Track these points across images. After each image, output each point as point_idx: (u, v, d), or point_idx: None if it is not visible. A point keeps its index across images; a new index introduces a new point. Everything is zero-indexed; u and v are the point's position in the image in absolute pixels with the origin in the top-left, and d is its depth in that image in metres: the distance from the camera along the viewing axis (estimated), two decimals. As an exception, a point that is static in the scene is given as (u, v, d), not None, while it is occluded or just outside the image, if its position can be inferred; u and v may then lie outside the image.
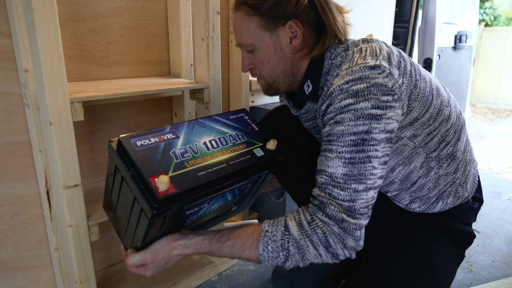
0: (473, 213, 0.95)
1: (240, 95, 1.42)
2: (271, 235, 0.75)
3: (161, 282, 1.15)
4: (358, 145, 0.71)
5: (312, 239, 0.73)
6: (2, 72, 0.88)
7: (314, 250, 0.74)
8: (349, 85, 0.71)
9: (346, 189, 0.72)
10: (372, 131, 0.70)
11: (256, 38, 0.83)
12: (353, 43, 0.82)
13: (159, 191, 0.67)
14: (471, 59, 3.23)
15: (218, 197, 0.83)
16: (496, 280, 1.25)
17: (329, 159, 0.74)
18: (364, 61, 0.74)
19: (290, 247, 0.74)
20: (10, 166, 0.93)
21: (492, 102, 6.62)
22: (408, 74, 0.78)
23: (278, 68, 0.86)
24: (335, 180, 0.73)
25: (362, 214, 0.73)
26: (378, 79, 0.71)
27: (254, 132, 0.90)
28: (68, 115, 0.80)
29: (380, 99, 0.70)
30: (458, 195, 0.90)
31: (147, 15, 1.14)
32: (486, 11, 7.45)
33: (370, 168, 0.72)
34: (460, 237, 0.92)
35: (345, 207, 0.73)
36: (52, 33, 0.74)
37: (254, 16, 0.82)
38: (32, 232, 1.00)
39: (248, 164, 0.82)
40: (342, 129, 0.71)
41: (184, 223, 0.84)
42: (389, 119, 0.72)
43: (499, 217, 1.72)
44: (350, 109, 0.70)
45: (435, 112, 0.82)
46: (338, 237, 0.73)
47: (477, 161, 1.11)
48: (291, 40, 0.82)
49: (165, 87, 1.00)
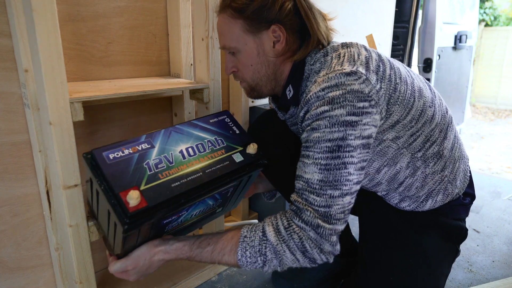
0: (465, 208, 0.95)
1: (240, 95, 1.42)
2: (249, 241, 0.77)
3: (161, 282, 1.15)
4: (333, 151, 0.72)
5: (289, 245, 0.74)
6: (2, 72, 0.88)
7: (291, 255, 0.75)
8: (325, 92, 0.72)
9: (322, 195, 0.73)
10: (348, 137, 0.71)
11: (239, 41, 0.84)
12: (332, 48, 0.83)
13: (130, 206, 0.67)
14: (471, 59, 3.23)
15: (197, 204, 0.83)
16: (496, 280, 1.25)
17: (306, 165, 0.75)
18: (341, 67, 0.75)
19: (267, 252, 0.75)
20: (10, 166, 0.93)
21: (492, 102, 6.62)
22: (387, 79, 0.78)
23: (260, 71, 0.87)
24: (311, 186, 0.74)
25: (338, 219, 0.75)
26: (354, 86, 0.72)
27: (235, 135, 0.89)
28: (68, 115, 0.80)
29: (355, 106, 0.71)
30: (447, 192, 0.90)
31: (147, 15, 1.14)
32: (486, 11, 7.45)
33: (346, 174, 0.73)
34: (453, 232, 0.93)
35: (321, 212, 0.74)
36: (52, 33, 0.74)
37: (238, 20, 0.82)
38: (32, 232, 1.00)
39: (225, 172, 0.81)
40: (318, 136, 0.72)
41: (164, 230, 0.84)
42: (365, 125, 0.72)
43: (499, 217, 1.72)
44: (326, 116, 0.71)
45: (417, 114, 0.82)
46: (315, 242, 0.74)
47: (477, 161, 1.11)
48: (274, 44, 0.83)
49: (165, 87, 1.00)
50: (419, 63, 2.75)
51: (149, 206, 0.70)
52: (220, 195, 0.89)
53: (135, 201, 0.68)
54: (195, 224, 0.96)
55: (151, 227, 0.77)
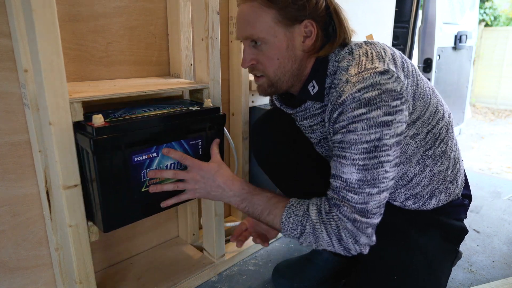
0: (464, 209, 0.97)
1: (240, 95, 1.42)
2: (294, 209, 0.82)
3: (161, 282, 1.15)
4: (370, 152, 0.73)
5: (327, 228, 0.78)
6: (2, 72, 0.88)
7: (328, 237, 0.78)
8: (361, 93, 0.72)
9: (360, 193, 0.75)
10: (384, 137, 0.73)
11: (269, 32, 0.80)
12: (356, 45, 0.82)
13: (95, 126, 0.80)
14: (471, 59, 3.23)
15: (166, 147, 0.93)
16: (496, 280, 1.25)
17: (343, 165, 0.76)
18: (373, 65, 0.75)
19: (307, 225, 0.80)
20: (10, 166, 0.93)
21: (492, 102, 6.62)
22: (410, 74, 0.79)
23: (286, 66, 0.84)
24: (350, 185, 0.76)
25: (374, 213, 0.77)
26: (388, 85, 0.72)
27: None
28: (67, 115, 0.81)
29: (390, 105, 0.72)
30: (449, 192, 0.91)
31: (147, 15, 1.14)
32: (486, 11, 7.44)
33: (383, 172, 0.75)
34: (453, 232, 0.94)
35: (358, 208, 0.76)
36: (52, 33, 0.74)
37: (271, 9, 0.78)
38: (32, 232, 1.00)
39: (182, 112, 0.95)
40: (355, 138, 0.73)
41: (141, 180, 0.91)
42: (398, 123, 0.74)
43: (499, 217, 1.72)
44: (363, 118, 0.72)
45: (433, 111, 0.84)
46: (351, 233, 0.77)
47: (477, 161, 1.13)
48: (304, 39, 0.81)
49: (165, 87, 1.00)
50: (419, 63, 2.75)
51: (112, 125, 0.82)
52: (190, 148, 0.99)
53: (98, 120, 0.80)
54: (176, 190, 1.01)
55: (123, 166, 0.86)
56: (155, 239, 1.34)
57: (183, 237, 1.39)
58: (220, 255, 1.26)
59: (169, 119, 0.92)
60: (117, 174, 0.86)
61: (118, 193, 0.88)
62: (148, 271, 1.20)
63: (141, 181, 0.91)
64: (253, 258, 1.34)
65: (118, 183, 0.87)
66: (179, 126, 0.94)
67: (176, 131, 0.94)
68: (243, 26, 0.83)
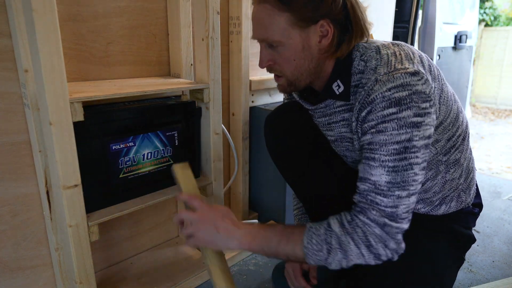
0: (473, 217, 0.96)
1: (240, 95, 1.42)
2: (315, 230, 0.77)
3: (161, 282, 1.15)
4: (400, 153, 0.72)
5: (353, 237, 0.74)
6: (2, 72, 0.88)
7: (356, 248, 0.75)
8: (391, 92, 0.71)
9: (389, 196, 0.74)
10: (413, 138, 0.71)
11: (284, 35, 0.78)
12: (383, 46, 0.80)
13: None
14: (471, 59, 3.23)
15: (143, 139, 1.02)
16: (496, 280, 1.24)
17: (372, 168, 0.75)
18: (403, 65, 0.74)
19: (332, 241, 0.75)
20: (10, 166, 0.93)
21: (492, 102, 6.62)
22: (437, 78, 0.79)
23: (303, 66, 0.82)
24: (379, 188, 0.74)
25: (403, 218, 0.75)
26: (418, 86, 0.71)
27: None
28: (68, 115, 0.80)
29: (420, 107, 0.71)
30: (461, 200, 0.91)
31: (147, 15, 1.14)
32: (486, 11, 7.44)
33: (412, 174, 0.73)
34: (461, 240, 0.93)
35: (387, 212, 0.74)
36: (52, 33, 0.74)
37: (285, 12, 0.76)
38: (32, 232, 1.00)
39: (157, 105, 1.03)
40: (385, 139, 0.72)
41: (119, 167, 0.99)
42: (427, 125, 0.73)
43: (499, 217, 1.72)
44: (393, 118, 0.71)
45: (454, 117, 0.83)
46: (380, 238, 0.74)
47: (477, 161, 1.13)
48: (320, 39, 0.79)
49: (165, 87, 1.00)
50: (419, 63, 2.74)
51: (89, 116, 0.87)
52: (166, 138, 1.06)
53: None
54: (153, 177, 1.08)
55: (101, 152, 0.93)
56: (155, 239, 1.34)
57: (183, 237, 1.39)
58: (220, 255, 1.26)
59: (144, 111, 1.00)
60: (96, 160, 0.94)
61: (97, 177, 0.95)
62: (148, 271, 1.20)
63: (119, 168, 0.99)
64: (253, 258, 1.34)
65: (98, 168, 0.95)
66: (154, 118, 1.03)
67: (151, 122, 1.03)
68: (259, 29, 0.81)
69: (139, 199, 1.04)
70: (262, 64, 0.85)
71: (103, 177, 0.97)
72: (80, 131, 0.86)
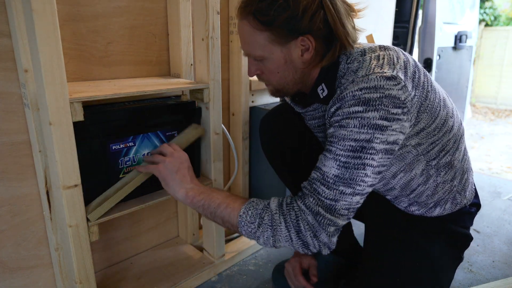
0: (470, 217, 0.97)
1: (240, 95, 1.42)
2: (254, 204, 0.81)
3: (161, 282, 1.15)
4: (356, 151, 0.72)
5: (286, 219, 0.76)
6: (2, 72, 0.88)
7: (286, 230, 0.76)
8: (362, 92, 0.72)
9: (332, 189, 0.74)
10: (374, 140, 0.71)
11: (265, 51, 0.81)
12: (370, 49, 0.81)
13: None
14: (471, 59, 3.23)
15: (143, 139, 1.01)
16: (496, 280, 1.24)
17: (326, 159, 0.75)
18: (381, 70, 0.74)
19: (265, 217, 0.78)
20: (10, 166, 0.93)
21: (492, 102, 6.62)
22: (421, 86, 0.78)
23: (287, 77, 0.85)
24: (325, 179, 0.75)
25: (341, 214, 0.75)
26: (393, 91, 0.71)
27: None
28: (67, 115, 0.80)
29: (389, 111, 0.71)
30: (456, 201, 0.91)
31: (147, 15, 1.14)
32: (486, 11, 7.44)
33: (363, 175, 0.73)
34: (459, 239, 0.93)
35: (325, 203, 0.75)
36: (52, 33, 0.74)
37: (264, 31, 0.78)
38: (32, 232, 1.00)
39: (157, 105, 1.03)
40: (344, 134, 0.72)
41: (119, 167, 0.98)
42: (393, 131, 0.72)
43: (499, 217, 1.72)
44: (358, 116, 0.71)
45: (440, 123, 0.83)
46: (310, 226, 0.75)
47: (477, 161, 1.13)
48: (302, 53, 0.80)
49: (165, 87, 1.00)
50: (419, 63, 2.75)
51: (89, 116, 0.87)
52: (166, 138, 1.06)
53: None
54: (154, 177, 1.05)
55: (101, 152, 0.93)
56: (155, 239, 1.34)
57: (183, 237, 1.39)
58: (220, 255, 1.26)
59: (144, 111, 1.00)
60: (96, 160, 0.94)
61: (97, 177, 0.95)
62: (148, 271, 1.20)
63: (119, 168, 0.99)
64: (253, 258, 1.34)
65: (97, 168, 0.95)
66: (154, 118, 1.03)
67: (151, 122, 1.02)
68: (242, 43, 0.85)
69: (139, 199, 1.04)
70: (250, 73, 0.88)
71: (103, 177, 0.96)
72: (80, 131, 0.86)
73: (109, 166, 0.97)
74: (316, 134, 0.97)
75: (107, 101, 1.01)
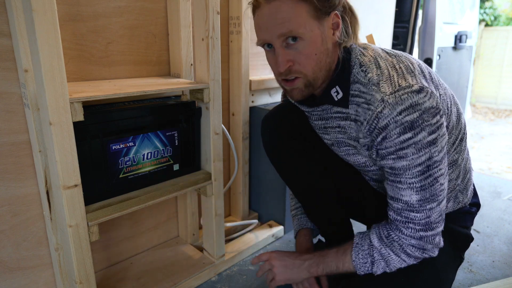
0: (471, 217, 0.98)
1: (240, 95, 1.42)
2: (360, 246, 0.87)
3: (161, 282, 1.15)
4: (425, 172, 0.76)
5: (393, 250, 0.83)
6: (2, 72, 0.88)
7: (397, 257, 0.83)
8: (402, 116, 0.73)
9: (422, 211, 0.78)
10: (433, 155, 0.75)
11: (307, 28, 0.76)
12: (380, 57, 0.81)
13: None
14: (471, 59, 3.22)
15: (143, 139, 1.02)
16: (496, 280, 1.24)
17: (401, 189, 0.79)
18: (406, 82, 0.75)
19: (374, 254, 0.85)
20: (10, 166, 0.93)
21: (492, 102, 6.62)
22: (439, 85, 0.82)
23: (322, 61, 0.81)
24: (412, 206, 0.79)
25: (437, 222, 0.80)
26: (426, 103, 0.73)
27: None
28: (67, 115, 0.80)
29: (432, 123, 0.73)
30: (458, 200, 0.92)
31: (147, 15, 1.14)
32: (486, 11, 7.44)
33: (439, 186, 0.77)
34: (459, 239, 0.94)
35: (422, 224, 0.79)
36: (52, 33, 0.74)
37: (305, 4, 0.75)
38: (32, 232, 1.00)
39: (157, 105, 1.03)
40: (407, 164, 0.75)
41: (119, 167, 0.98)
42: (442, 136, 0.75)
43: (499, 217, 1.72)
44: (411, 143, 0.73)
45: (455, 120, 0.86)
46: (417, 248, 0.81)
47: (477, 161, 1.15)
48: (333, 31, 0.80)
49: (165, 87, 1.00)
50: (419, 63, 2.74)
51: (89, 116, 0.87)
52: (167, 139, 1.07)
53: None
54: (153, 177, 1.08)
55: (101, 151, 0.93)
56: (155, 239, 1.34)
57: (183, 237, 1.39)
58: (220, 255, 1.26)
59: (144, 111, 1.00)
60: (96, 160, 0.94)
61: (97, 177, 0.95)
62: (148, 271, 1.20)
63: (119, 168, 0.99)
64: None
65: (97, 168, 0.95)
66: (154, 118, 1.03)
67: (151, 122, 1.03)
68: (277, 24, 0.77)
69: (139, 199, 1.04)
70: (282, 66, 0.80)
71: (103, 177, 0.97)
72: (80, 131, 0.86)
73: (109, 166, 0.97)
74: (321, 135, 0.96)
75: (107, 101, 1.01)
